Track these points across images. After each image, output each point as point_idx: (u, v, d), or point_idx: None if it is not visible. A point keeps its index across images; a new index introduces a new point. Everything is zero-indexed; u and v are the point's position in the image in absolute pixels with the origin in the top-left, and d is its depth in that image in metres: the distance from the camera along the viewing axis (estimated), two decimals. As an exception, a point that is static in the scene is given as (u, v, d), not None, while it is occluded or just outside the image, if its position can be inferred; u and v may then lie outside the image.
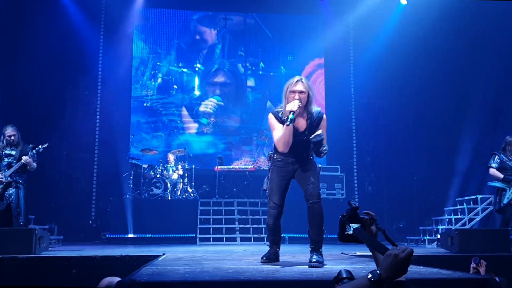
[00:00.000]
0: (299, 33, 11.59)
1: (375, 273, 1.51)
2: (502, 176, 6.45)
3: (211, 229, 9.05)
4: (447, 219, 8.68)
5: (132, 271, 3.35)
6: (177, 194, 9.40)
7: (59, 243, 8.04)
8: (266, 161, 4.22)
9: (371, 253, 1.81)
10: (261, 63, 11.61)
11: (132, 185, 9.39)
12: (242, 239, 8.94)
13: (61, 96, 10.22)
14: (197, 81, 11.45)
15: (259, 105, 11.38)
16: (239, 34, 11.67)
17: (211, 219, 9.20)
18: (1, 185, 6.05)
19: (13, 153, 6.22)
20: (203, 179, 10.10)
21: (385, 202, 10.29)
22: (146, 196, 9.18)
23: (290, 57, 11.61)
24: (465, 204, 8.49)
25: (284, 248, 4.44)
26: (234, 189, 9.94)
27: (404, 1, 10.65)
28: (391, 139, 10.68)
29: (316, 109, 3.96)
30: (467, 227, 7.98)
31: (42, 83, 9.85)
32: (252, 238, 8.97)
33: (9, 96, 9.17)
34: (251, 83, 11.57)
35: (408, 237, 8.95)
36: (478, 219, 8.17)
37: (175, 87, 11.34)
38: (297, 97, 3.78)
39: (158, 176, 9.36)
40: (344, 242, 1.81)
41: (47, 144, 6.34)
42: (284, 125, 3.76)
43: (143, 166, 9.49)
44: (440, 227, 8.45)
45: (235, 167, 10.45)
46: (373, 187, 11.07)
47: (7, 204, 6.05)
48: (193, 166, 9.89)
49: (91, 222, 9.93)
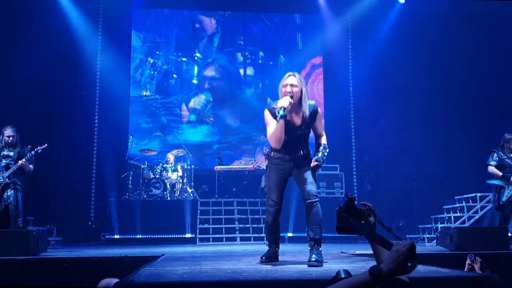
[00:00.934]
0: (298, 32, 11.61)
1: (375, 267, 1.50)
2: (501, 174, 6.46)
3: (211, 229, 9.04)
4: (446, 217, 8.68)
5: (131, 272, 3.34)
6: (176, 194, 9.39)
7: (58, 244, 8.04)
8: (265, 161, 4.22)
9: (370, 251, 1.80)
10: (261, 52, 11.61)
11: (131, 186, 9.38)
12: (242, 239, 8.94)
13: (59, 96, 10.20)
14: (196, 70, 11.46)
15: (259, 101, 11.34)
16: (238, 23, 11.67)
17: (211, 219, 9.20)
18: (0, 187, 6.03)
19: (11, 154, 6.21)
20: (203, 179, 10.10)
21: (385, 200, 10.28)
22: (145, 196, 9.17)
23: (289, 48, 11.58)
24: (464, 202, 8.50)
25: (283, 247, 4.44)
26: (233, 189, 9.94)
27: (402, 0, 10.66)
28: (390, 138, 10.69)
29: (310, 103, 3.96)
30: (466, 225, 7.98)
31: (40, 84, 9.83)
32: (252, 237, 8.97)
33: (7, 96, 9.14)
34: (250, 72, 11.57)
35: (407, 236, 8.95)
36: (477, 217, 8.17)
37: (175, 76, 11.33)
38: (288, 89, 3.81)
39: (157, 176, 9.35)
40: (342, 234, 1.80)
41: (46, 145, 6.32)
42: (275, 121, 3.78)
43: (142, 166, 9.48)
44: (439, 225, 8.45)
45: (234, 166, 10.45)
46: (372, 186, 11.08)
47: (5, 205, 6.04)
48: (193, 166, 9.88)
49: (90, 223, 9.92)
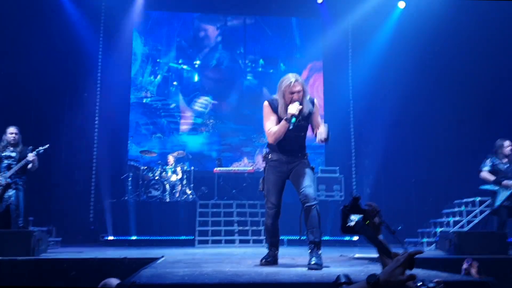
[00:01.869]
0: (298, 35, 11.64)
1: (373, 275, 1.50)
2: (492, 179, 6.55)
3: (210, 231, 9.04)
4: (446, 222, 8.69)
5: (130, 273, 3.36)
6: (175, 196, 9.40)
7: (57, 244, 8.03)
8: (263, 163, 4.25)
9: (369, 255, 1.81)
10: (261, 60, 11.65)
11: (130, 187, 9.39)
12: (241, 241, 8.94)
13: (60, 97, 10.20)
14: (196, 78, 11.48)
15: (258, 98, 11.34)
16: (239, 31, 11.71)
17: (210, 221, 9.19)
18: (1, 187, 6.03)
19: (13, 154, 6.21)
20: (202, 181, 10.10)
21: (384, 204, 10.24)
22: (144, 198, 9.18)
23: (289, 55, 11.63)
24: (463, 206, 8.52)
25: (283, 250, 4.45)
26: (233, 191, 9.94)
27: (402, 4, 10.72)
28: (389, 142, 10.69)
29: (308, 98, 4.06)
30: (465, 229, 7.99)
31: (41, 84, 9.84)
32: (251, 240, 8.97)
33: (8, 97, 9.16)
34: (250, 79, 11.59)
35: (406, 240, 8.95)
36: (476, 221, 8.18)
37: (175, 83, 11.36)
38: (296, 97, 3.90)
39: (156, 178, 9.36)
40: (346, 233, 1.78)
41: (48, 145, 6.33)
42: (282, 121, 3.87)
43: (142, 167, 9.49)
44: (438, 230, 8.46)
45: (234, 168, 10.46)
46: (371, 189, 11.07)
47: (6, 206, 6.03)
48: (192, 168, 9.88)
49: (89, 224, 9.92)
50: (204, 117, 11.27)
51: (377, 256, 1.82)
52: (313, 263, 3.64)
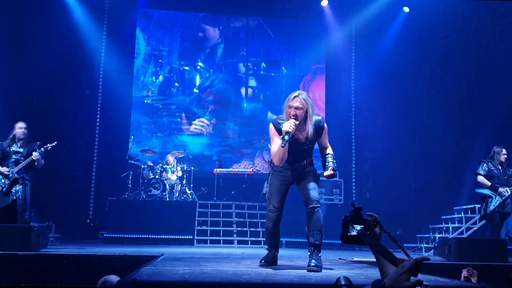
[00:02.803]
0: (301, 37, 11.65)
1: (379, 281, 1.50)
2: (489, 184, 6.75)
3: (209, 231, 9.05)
4: (444, 228, 8.70)
5: (130, 271, 3.36)
6: (175, 195, 9.41)
7: (56, 241, 8.05)
8: (265, 164, 4.28)
9: (368, 259, 1.81)
10: (263, 63, 11.66)
11: (130, 185, 9.39)
12: (239, 242, 8.95)
13: (62, 94, 10.22)
14: (198, 79, 11.49)
15: (260, 109, 11.40)
16: (241, 33, 11.72)
17: (209, 221, 9.20)
18: (8, 181, 6.09)
19: (21, 150, 6.26)
20: (202, 181, 10.11)
21: (383, 209, 10.28)
22: (144, 196, 9.19)
23: (291, 58, 11.64)
24: (462, 213, 8.53)
25: (281, 252, 4.45)
26: (232, 192, 9.95)
27: (407, 9, 10.73)
28: (390, 146, 10.71)
29: (316, 119, 3.95)
30: (464, 236, 8.00)
31: (43, 81, 9.86)
32: (249, 241, 8.98)
33: (10, 93, 9.18)
34: (252, 83, 11.62)
35: (405, 245, 8.96)
36: (475, 228, 8.19)
37: (176, 84, 11.38)
38: (293, 112, 3.81)
39: (157, 177, 9.37)
40: (346, 243, 1.78)
41: (55, 142, 6.40)
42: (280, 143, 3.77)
43: (142, 166, 9.50)
44: (437, 235, 8.48)
45: (234, 170, 10.47)
46: (371, 194, 11.10)
47: (13, 200, 6.07)
48: (192, 168, 9.89)
49: (88, 221, 9.93)
50: (204, 118, 11.27)
51: (375, 260, 1.83)
52: (312, 265, 3.66)
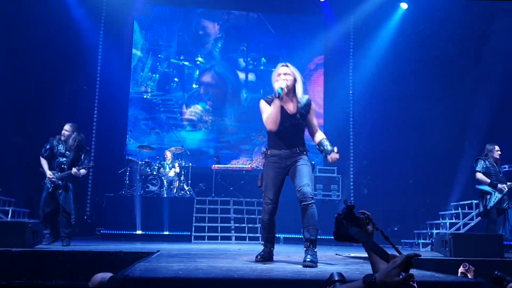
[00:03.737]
0: (300, 33, 11.62)
1: (369, 275, 1.50)
2: (489, 181, 6.87)
3: (207, 227, 9.05)
4: (442, 223, 8.69)
5: (126, 267, 3.34)
6: (173, 191, 9.39)
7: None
8: (263, 160, 4.25)
9: (365, 255, 1.80)
10: (263, 59, 11.62)
11: (128, 182, 9.37)
12: (237, 238, 8.94)
13: (59, 90, 10.17)
14: (197, 73, 11.45)
15: (255, 112, 11.36)
16: (241, 29, 11.68)
17: (207, 218, 9.19)
18: (53, 185, 6.17)
19: (68, 154, 6.29)
20: (200, 177, 10.09)
21: (381, 205, 10.28)
22: (142, 192, 9.17)
23: (290, 54, 11.58)
24: (460, 209, 8.52)
25: (278, 248, 4.44)
26: (230, 188, 9.93)
27: (404, 6, 10.70)
28: (388, 142, 10.69)
29: (305, 96, 4.09)
30: (462, 231, 8.00)
31: (40, 77, 9.82)
32: (247, 237, 8.98)
33: (7, 89, 9.12)
34: (252, 77, 11.58)
35: (402, 240, 8.96)
36: (472, 224, 8.19)
37: (176, 79, 11.34)
38: (282, 77, 3.98)
39: (154, 173, 9.35)
40: (339, 241, 1.79)
41: (92, 164, 6.95)
42: (273, 101, 3.92)
43: (140, 162, 9.47)
44: (434, 231, 8.47)
45: (232, 166, 10.45)
46: (369, 190, 11.08)
47: (57, 203, 6.19)
48: (190, 164, 9.87)
49: (85, 217, 9.90)
50: (203, 114, 11.25)
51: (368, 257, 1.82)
52: (308, 260, 3.64)
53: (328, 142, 4.05)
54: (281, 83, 3.93)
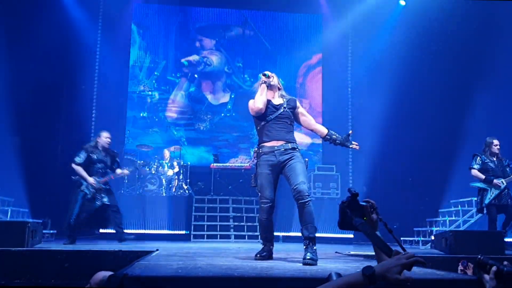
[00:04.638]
0: (297, 31, 11.59)
1: (369, 267, 1.48)
2: (483, 176, 6.65)
3: (206, 226, 9.03)
4: (442, 221, 8.69)
5: (125, 266, 3.33)
6: (172, 190, 9.38)
7: (52, 237, 8.01)
8: (254, 158, 4.29)
9: (364, 252, 1.79)
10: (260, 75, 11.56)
11: (127, 181, 9.35)
12: (236, 237, 8.93)
13: (57, 90, 10.14)
14: (196, 73, 11.39)
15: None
16: (237, 44, 11.62)
17: (206, 216, 9.18)
18: (94, 190, 6.54)
19: (106, 160, 6.71)
20: (199, 176, 10.07)
21: (380, 202, 10.08)
22: (140, 192, 9.15)
23: (288, 51, 11.50)
24: (459, 206, 8.52)
25: (278, 246, 4.44)
26: (229, 187, 9.92)
27: (403, 2, 10.69)
28: (387, 140, 10.67)
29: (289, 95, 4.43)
30: (461, 229, 8.00)
31: (38, 77, 9.77)
32: (246, 236, 8.97)
33: (4, 89, 9.09)
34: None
35: (402, 238, 8.96)
36: (472, 221, 8.19)
37: (174, 78, 11.31)
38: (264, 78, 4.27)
39: (153, 172, 9.33)
40: (343, 229, 1.77)
41: (132, 169, 7.66)
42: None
43: (139, 162, 9.45)
44: (434, 229, 8.47)
45: (230, 164, 10.44)
46: (368, 188, 11.06)
47: (100, 206, 6.54)
48: (189, 163, 9.85)
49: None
50: (201, 113, 11.22)
51: (372, 253, 1.80)
52: (308, 258, 3.63)
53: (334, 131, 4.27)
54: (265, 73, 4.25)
